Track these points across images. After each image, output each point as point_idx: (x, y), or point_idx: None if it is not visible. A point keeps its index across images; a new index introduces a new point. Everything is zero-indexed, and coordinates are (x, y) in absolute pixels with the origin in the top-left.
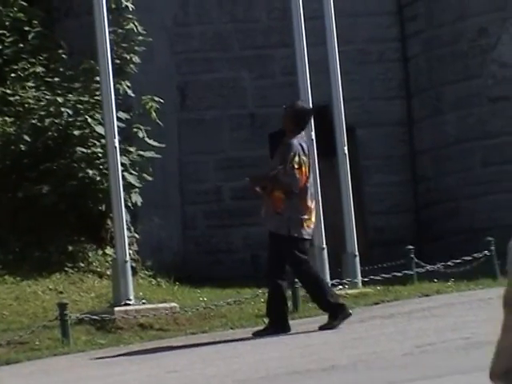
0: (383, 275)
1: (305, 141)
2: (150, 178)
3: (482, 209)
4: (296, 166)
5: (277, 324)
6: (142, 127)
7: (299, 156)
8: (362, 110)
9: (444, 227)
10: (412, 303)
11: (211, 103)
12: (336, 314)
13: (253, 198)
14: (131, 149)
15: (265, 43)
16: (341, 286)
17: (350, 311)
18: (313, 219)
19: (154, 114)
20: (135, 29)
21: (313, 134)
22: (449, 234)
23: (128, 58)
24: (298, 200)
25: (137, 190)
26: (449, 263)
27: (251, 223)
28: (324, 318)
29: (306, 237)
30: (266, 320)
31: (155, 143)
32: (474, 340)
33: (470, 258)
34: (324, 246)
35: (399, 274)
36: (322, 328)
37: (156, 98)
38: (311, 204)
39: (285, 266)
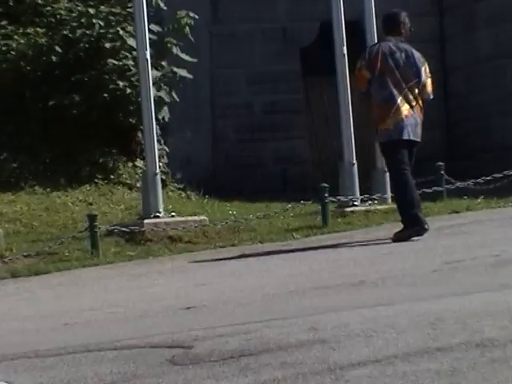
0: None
1: (389, 45)
2: (177, 99)
3: None
4: (356, 72)
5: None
6: (175, 41)
7: (359, 60)
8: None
9: (475, 144)
10: (441, 220)
11: (243, 16)
12: (406, 228)
13: (284, 112)
14: (163, 63)
15: None
16: (370, 202)
17: (427, 226)
18: (390, 120)
19: (187, 29)
20: None
21: (344, 49)
22: (479, 152)
23: None
24: (372, 104)
25: (166, 107)
26: (479, 180)
27: (282, 137)
28: (351, 234)
29: (382, 140)
30: (295, 234)
31: (187, 57)
32: (503, 257)
33: (500, 175)
34: (354, 161)
35: (429, 191)
36: (394, 238)
37: (191, 14)
38: (385, 105)
39: (394, 164)
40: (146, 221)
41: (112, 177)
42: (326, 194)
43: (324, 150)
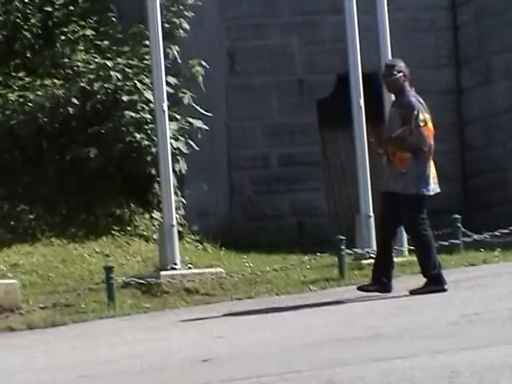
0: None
1: (419, 97)
2: (197, 148)
3: None
4: (421, 124)
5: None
6: (188, 92)
7: (422, 113)
8: (411, 77)
9: (491, 197)
10: (458, 272)
11: (260, 69)
12: (432, 283)
13: (300, 164)
14: (178, 116)
15: (315, 9)
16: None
17: (447, 287)
18: (435, 174)
19: (200, 78)
20: None
21: (361, 101)
22: (496, 205)
23: (177, 22)
24: (424, 157)
25: (182, 158)
26: (496, 233)
27: (298, 189)
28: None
29: (432, 193)
30: (312, 286)
31: (202, 110)
32: None
33: None
34: (371, 213)
35: (446, 243)
36: (412, 292)
37: (203, 63)
38: (429, 158)
39: (424, 219)
40: (162, 273)
41: (129, 228)
42: (343, 247)
43: (341, 202)
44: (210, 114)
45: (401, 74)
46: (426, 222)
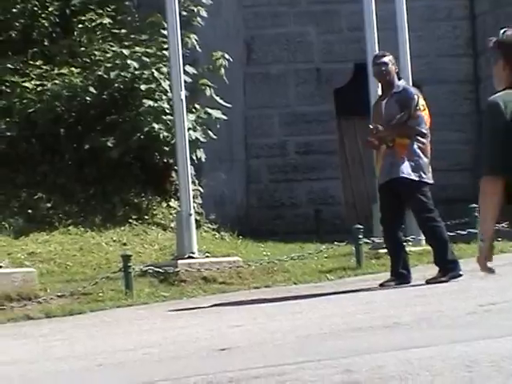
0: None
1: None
2: (214, 137)
3: None
4: (422, 108)
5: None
6: (209, 83)
7: (420, 98)
8: (429, 67)
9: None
10: (475, 262)
11: (277, 57)
12: (447, 270)
13: (317, 153)
14: (197, 105)
15: None
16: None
17: (461, 272)
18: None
19: (222, 70)
20: None
21: (379, 90)
22: None
23: (195, 10)
24: (423, 144)
25: (201, 147)
26: None
27: (315, 178)
28: (385, 276)
29: (432, 181)
30: (329, 275)
31: (222, 101)
32: None
33: None
34: None
35: (463, 233)
36: (429, 282)
37: (226, 56)
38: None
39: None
40: (179, 261)
41: (146, 217)
42: (360, 236)
43: (357, 191)
44: (229, 105)
45: (392, 64)
46: (436, 213)
